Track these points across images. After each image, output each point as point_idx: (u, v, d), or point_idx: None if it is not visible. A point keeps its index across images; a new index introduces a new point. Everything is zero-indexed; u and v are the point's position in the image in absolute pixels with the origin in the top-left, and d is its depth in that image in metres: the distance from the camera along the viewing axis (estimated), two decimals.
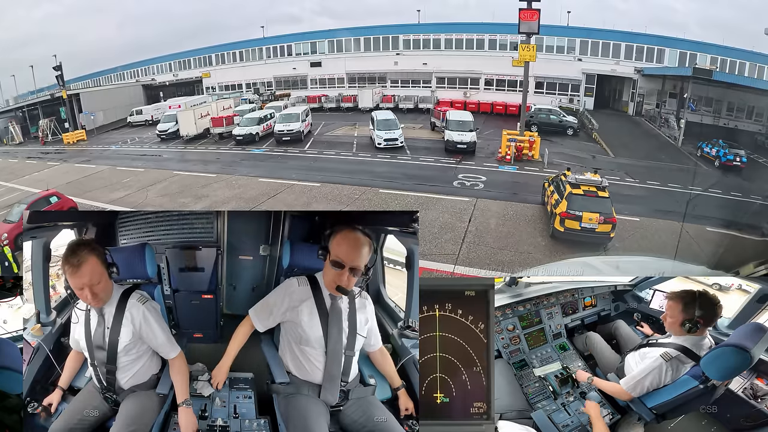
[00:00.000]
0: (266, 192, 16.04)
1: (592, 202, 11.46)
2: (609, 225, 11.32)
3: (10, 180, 19.77)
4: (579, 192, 11.68)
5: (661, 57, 26.23)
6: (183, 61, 34.39)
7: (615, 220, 11.44)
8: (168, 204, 15.67)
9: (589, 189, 11.77)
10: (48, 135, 28.30)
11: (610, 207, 11.53)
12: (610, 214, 11.38)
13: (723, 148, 19.70)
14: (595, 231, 11.33)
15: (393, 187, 16.02)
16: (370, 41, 31.01)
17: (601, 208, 11.37)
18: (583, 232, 11.38)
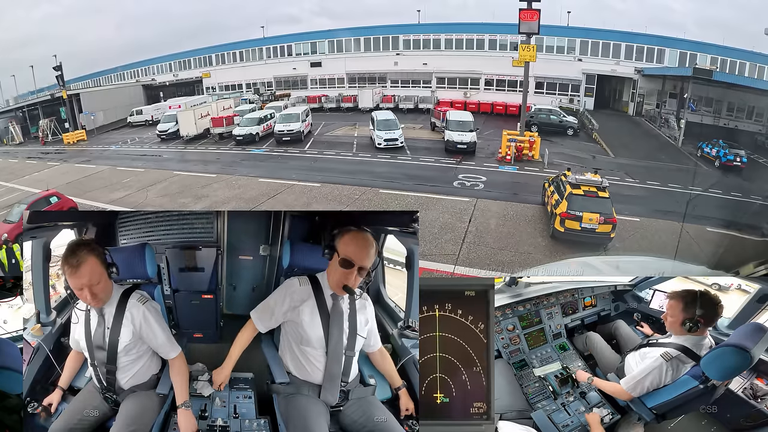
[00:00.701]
0: (266, 192, 16.04)
1: (592, 203, 11.46)
2: (609, 225, 11.32)
3: (10, 180, 19.78)
4: (579, 192, 11.68)
5: (661, 57, 26.24)
6: (183, 61, 34.40)
7: (615, 220, 11.44)
8: (168, 204, 15.68)
9: (590, 189, 11.76)
10: (48, 135, 28.31)
11: (611, 207, 11.53)
12: (610, 214, 11.39)
13: (723, 148, 19.70)
14: (595, 231, 11.33)
15: (393, 188, 16.02)
16: (370, 41, 31.02)
17: (601, 209, 11.37)
18: (584, 232, 11.38)
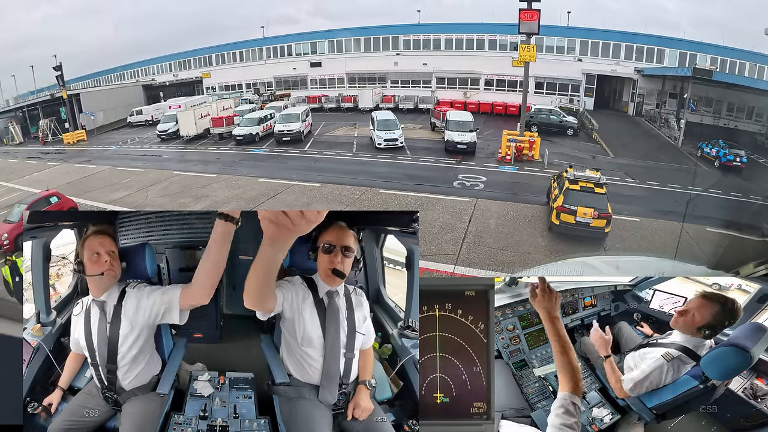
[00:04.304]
0: (266, 192, 16.05)
1: (587, 198, 11.79)
2: (603, 220, 11.57)
3: (10, 180, 19.78)
4: (576, 188, 12.00)
5: (661, 57, 26.25)
6: (183, 62, 34.41)
7: (609, 215, 11.64)
8: (168, 204, 15.69)
9: (586, 185, 12.05)
10: (48, 135, 28.30)
11: (606, 203, 11.77)
12: (604, 209, 11.63)
13: (723, 148, 19.70)
14: (589, 225, 11.64)
15: (393, 188, 16.02)
16: (370, 41, 31.03)
17: (596, 203, 11.66)
18: (578, 226, 11.72)
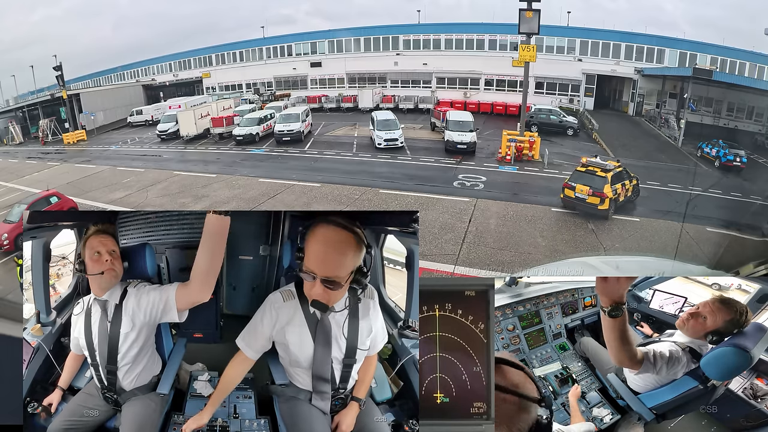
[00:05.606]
0: (266, 192, 16.05)
1: (588, 179, 13.71)
2: (597, 198, 13.28)
3: (10, 180, 19.77)
4: (582, 170, 14.01)
5: (661, 57, 26.22)
6: (183, 62, 34.37)
7: (603, 194, 13.22)
8: (168, 204, 15.68)
9: (591, 169, 13.86)
10: (48, 135, 28.28)
11: (603, 184, 13.38)
12: (600, 189, 13.35)
13: (723, 148, 19.68)
14: (585, 201, 13.56)
15: (393, 188, 16.02)
16: (370, 41, 31.00)
17: (592, 183, 13.53)
18: (576, 200, 13.78)
